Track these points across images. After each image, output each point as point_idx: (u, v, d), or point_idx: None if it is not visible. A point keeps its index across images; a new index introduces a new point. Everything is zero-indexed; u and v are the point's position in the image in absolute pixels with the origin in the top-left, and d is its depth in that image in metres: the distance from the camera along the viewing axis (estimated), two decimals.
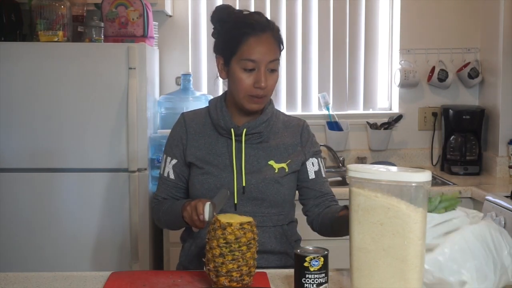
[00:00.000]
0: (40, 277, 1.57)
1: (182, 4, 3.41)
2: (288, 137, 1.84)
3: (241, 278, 1.43)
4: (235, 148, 1.78)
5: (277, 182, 1.78)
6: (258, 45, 1.70)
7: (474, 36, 3.48)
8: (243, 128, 1.77)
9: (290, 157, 1.81)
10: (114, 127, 2.70)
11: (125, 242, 2.74)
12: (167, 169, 1.84)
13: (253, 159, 1.79)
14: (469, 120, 3.34)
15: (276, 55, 1.73)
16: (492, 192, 2.75)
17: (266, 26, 1.73)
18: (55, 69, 2.68)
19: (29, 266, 2.69)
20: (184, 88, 3.18)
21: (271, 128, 1.82)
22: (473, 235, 1.32)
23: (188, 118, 1.87)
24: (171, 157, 1.84)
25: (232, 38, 1.72)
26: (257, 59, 1.69)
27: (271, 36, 1.73)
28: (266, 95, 1.74)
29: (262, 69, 1.70)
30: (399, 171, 1.27)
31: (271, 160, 1.79)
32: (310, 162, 1.85)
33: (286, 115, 1.91)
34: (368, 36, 3.52)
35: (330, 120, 3.44)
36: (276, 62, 1.73)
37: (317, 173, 1.85)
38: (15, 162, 2.71)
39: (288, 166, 1.80)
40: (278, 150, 1.81)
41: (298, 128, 1.87)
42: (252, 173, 1.77)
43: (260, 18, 1.76)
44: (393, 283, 1.23)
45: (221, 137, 1.81)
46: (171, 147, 1.86)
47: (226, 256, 1.42)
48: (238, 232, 1.42)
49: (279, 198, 1.79)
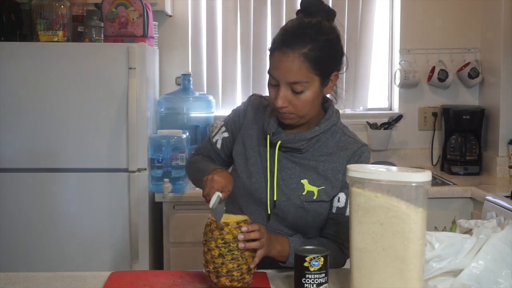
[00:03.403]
0: (40, 277, 1.57)
1: (182, 4, 3.41)
2: (334, 160, 1.64)
3: (241, 277, 1.43)
4: (269, 155, 1.65)
5: (301, 207, 1.62)
6: (279, 62, 1.52)
7: (474, 36, 3.48)
8: (278, 139, 1.63)
9: (325, 184, 1.63)
10: (114, 127, 2.70)
11: (125, 242, 2.73)
12: (218, 137, 1.78)
13: (286, 173, 1.64)
14: (469, 120, 3.34)
15: (298, 77, 1.51)
16: (492, 192, 2.75)
17: (294, 42, 1.50)
18: (55, 69, 2.68)
19: (29, 266, 2.69)
20: (184, 88, 3.18)
21: (320, 145, 1.64)
22: (503, 242, 1.32)
23: (253, 102, 1.76)
24: (226, 129, 1.77)
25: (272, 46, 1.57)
26: (276, 77, 1.54)
27: (299, 56, 1.50)
28: (294, 113, 1.56)
29: (281, 88, 1.53)
30: (399, 171, 1.27)
31: (305, 179, 1.63)
32: (338, 197, 1.64)
33: (346, 135, 1.68)
34: (368, 36, 3.52)
35: None
36: (299, 85, 1.51)
37: (339, 210, 1.65)
38: (15, 162, 2.71)
39: (318, 193, 1.62)
40: (315, 172, 1.63)
41: (349, 153, 1.64)
42: (279, 189, 1.64)
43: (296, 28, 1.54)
44: (393, 283, 1.23)
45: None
46: (230, 120, 1.78)
47: (226, 256, 1.42)
48: (236, 231, 1.42)
49: (300, 223, 1.65)
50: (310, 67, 1.51)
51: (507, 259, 1.31)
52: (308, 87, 1.53)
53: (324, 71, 1.55)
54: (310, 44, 1.51)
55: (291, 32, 1.54)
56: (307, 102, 1.55)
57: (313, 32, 1.53)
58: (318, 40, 1.52)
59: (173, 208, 2.86)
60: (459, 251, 1.32)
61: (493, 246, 1.32)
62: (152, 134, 2.90)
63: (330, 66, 1.57)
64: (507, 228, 1.36)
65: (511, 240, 1.33)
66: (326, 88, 1.60)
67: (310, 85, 1.53)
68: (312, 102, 1.57)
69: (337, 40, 1.60)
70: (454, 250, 1.32)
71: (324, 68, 1.55)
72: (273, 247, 1.54)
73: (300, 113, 1.57)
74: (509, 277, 1.30)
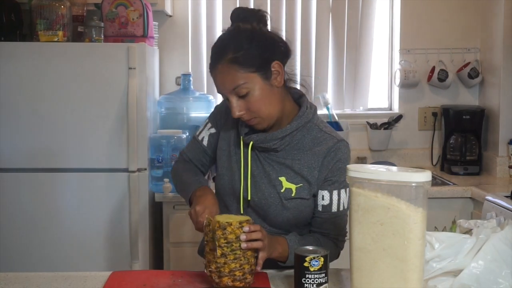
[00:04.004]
0: (40, 277, 1.57)
1: (182, 4, 3.41)
2: (309, 157, 1.63)
3: (244, 277, 1.43)
4: (243, 156, 1.67)
5: (280, 204, 1.63)
6: (216, 78, 1.58)
7: (474, 36, 3.48)
8: (250, 139, 1.64)
9: (302, 181, 1.63)
10: (114, 127, 2.70)
11: (125, 242, 2.73)
12: (203, 134, 1.79)
13: (263, 171, 1.65)
14: (469, 120, 3.34)
15: (235, 82, 1.53)
16: (492, 192, 2.75)
17: (218, 55, 1.57)
18: (55, 69, 2.68)
19: (29, 266, 2.69)
20: (184, 88, 3.18)
21: (296, 143, 1.64)
22: (502, 242, 1.32)
23: None
24: (212, 125, 1.78)
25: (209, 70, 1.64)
26: (220, 92, 1.59)
27: (227, 63, 1.54)
28: (256, 116, 1.58)
29: (230, 99, 1.57)
30: (399, 171, 1.27)
31: (283, 177, 1.63)
32: (321, 194, 1.64)
33: (322, 131, 1.66)
34: (368, 36, 3.52)
35: (330, 120, 3.43)
36: (240, 88, 1.54)
37: (325, 208, 1.64)
38: (15, 162, 2.71)
39: (296, 190, 1.62)
40: (291, 170, 1.63)
41: (324, 149, 1.63)
42: (257, 187, 1.66)
43: (216, 43, 1.62)
44: (393, 283, 1.23)
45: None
46: (215, 115, 1.80)
47: (228, 256, 1.42)
48: (238, 230, 1.42)
49: (281, 221, 1.65)
50: (240, 68, 1.53)
51: (507, 259, 1.31)
52: (251, 87, 1.54)
53: (258, 65, 1.55)
54: (231, 49, 1.54)
55: (214, 50, 1.60)
56: (260, 101, 1.56)
57: (230, 39, 1.57)
58: (236, 41, 1.56)
59: (173, 208, 2.86)
60: (459, 251, 1.32)
61: (493, 246, 1.32)
62: (152, 134, 2.90)
63: (262, 58, 1.56)
64: (507, 228, 1.36)
65: (511, 240, 1.33)
66: (273, 80, 1.58)
67: (251, 84, 1.54)
68: (265, 99, 1.57)
69: (260, 32, 1.60)
70: (454, 250, 1.32)
71: (256, 62, 1.54)
72: (274, 249, 1.54)
73: (260, 114, 1.58)
74: (509, 277, 1.30)
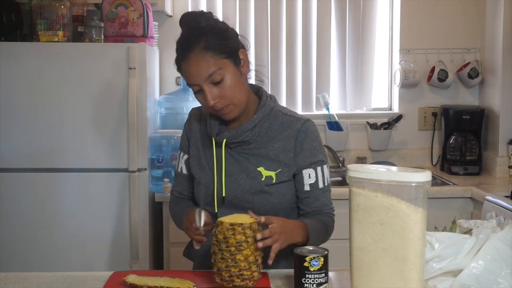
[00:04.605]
0: (40, 277, 1.58)
1: (182, 4, 3.41)
2: (282, 141, 1.68)
3: (230, 279, 1.43)
4: (216, 156, 1.70)
5: (263, 192, 1.67)
6: (189, 68, 1.60)
7: (474, 36, 3.48)
8: (222, 138, 1.68)
9: (280, 166, 1.68)
10: (114, 127, 2.70)
11: (125, 242, 2.74)
12: (180, 164, 1.83)
13: (240, 167, 1.69)
14: (469, 120, 3.34)
15: (210, 68, 1.58)
16: (492, 192, 2.75)
17: (189, 45, 1.59)
18: (55, 69, 2.68)
19: (29, 266, 2.69)
20: (184, 88, 3.18)
21: (265, 132, 1.69)
22: (502, 242, 1.33)
23: (193, 115, 1.83)
24: (183, 152, 1.82)
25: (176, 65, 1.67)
26: (194, 82, 1.60)
27: (200, 51, 1.58)
28: (229, 103, 1.62)
29: (204, 88, 1.59)
30: (399, 171, 1.27)
31: (261, 167, 1.67)
32: (307, 173, 1.69)
33: (287, 115, 1.73)
34: (368, 36, 3.52)
35: (330, 120, 3.44)
36: (215, 74, 1.58)
37: (312, 186, 1.70)
38: (15, 162, 2.71)
39: (276, 176, 1.67)
40: (268, 157, 1.68)
41: (294, 131, 1.69)
42: (236, 183, 1.69)
43: (183, 37, 1.64)
44: (393, 283, 1.23)
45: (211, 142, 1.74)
46: (181, 143, 1.84)
47: (217, 254, 1.43)
48: (227, 232, 1.42)
49: (268, 208, 1.67)
50: (215, 54, 1.58)
51: (507, 259, 1.31)
52: (225, 73, 1.60)
53: (229, 52, 1.61)
54: (202, 38, 1.59)
55: (182, 41, 1.64)
56: (233, 86, 1.61)
57: (198, 30, 1.62)
58: (205, 32, 1.60)
59: None
60: (459, 251, 1.32)
61: (493, 246, 1.32)
62: (152, 134, 2.90)
63: (231, 45, 1.63)
64: (507, 228, 1.36)
65: (511, 240, 1.33)
66: (241, 68, 1.65)
67: (224, 70, 1.59)
68: (237, 85, 1.62)
69: (222, 24, 1.67)
70: (454, 250, 1.33)
71: (227, 49, 1.61)
72: (296, 235, 1.56)
73: (233, 100, 1.62)
74: (509, 277, 1.30)
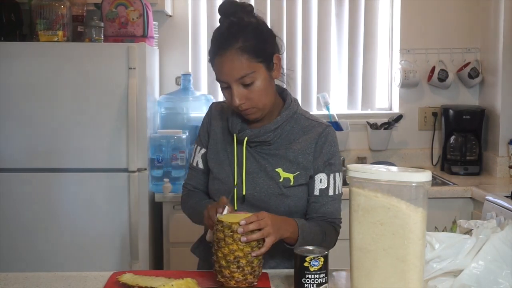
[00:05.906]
0: (40, 277, 1.57)
1: (182, 4, 3.41)
2: (302, 144, 1.69)
3: (253, 270, 1.44)
4: (237, 153, 1.70)
5: (280, 193, 1.67)
6: (221, 65, 1.59)
7: (474, 36, 3.48)
8: (244, 135, 1.68)
9: (299, 169, 1.68)
10: (114, 127, 2.70)
11: (125, 242, 2.74)
12: (196, 158, 1.82)
13: (258, 166, 1.69)
14: (469, 120, 3.34)
15: (243, 70, 1.57)
16: (492, 192, 2.75)
17: (227, 42, 1.58)
18: (55, 69, 2.68)
19: (29, 266, 2.69)
20: (184, 88, 3.18)
21: (287, 134, 1.70)
22: (503, 242, 1.33)
23: (214, 109, 1.82)
24: (201, 146, 1.81)
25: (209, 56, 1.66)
26: (224, 79, 1.60)
27: (236, 51, 1.56)
28: (254, 107, 1.62)
29: (233, 87, 1.59)
30: (399, 171, 1.27)
31: (279, 168, 1.68)
32: (319, 178, 1.69)
33: (309, 119, 1.73)
34: (368, 36, 3.52)
35: (330, 120, 3.44)
36: (247, 77, 1.58)
37: (322, 191, 1.70)
38: (15, 162, 2.71)
39: (294, 179, 1.67)
40: (287, 159, 1.68)
41: (315, 135, 1.70)
42: (255, 182, 1.69)
43: (222, 31, 1.62)
44: (393, 283, 1.23)
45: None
46: (199, 137, 1.83)
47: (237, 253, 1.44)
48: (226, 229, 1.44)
49: (283, 210, 1.67)
50: (250, 57, 1.57)
51: (507, 259, 1.31)
52: (256, 77, 1.59)
53: (264, 56, 1.61)
54: (241, 38, 1.57)
55: (220, 36, 1.61)
56: (261, 91, 1.61)
57: (239, 28, 1.59)
58: (246, 31, 1.59)
59: (173, 208, 2.86)
60: (459, 251, 1.32)
61: (493, 246, 1.32)
62: (152, 134, 2.90)
63: (267, 49, 1.63)
64: (507, 228, 1.36)
65: (511, 240, 1.33)
66: (273, 72, 1.65)
67: (257, 74, 1.59)
68: (266, 90, 1.62)
69: (263, 25, 1.66)
70: (454, 251, 1.33)
71: (263, 53, 1.60)
72: (284, 229, 1.55)
73: (259, 104, 1.62)
74: (509, 277, 1.30)
